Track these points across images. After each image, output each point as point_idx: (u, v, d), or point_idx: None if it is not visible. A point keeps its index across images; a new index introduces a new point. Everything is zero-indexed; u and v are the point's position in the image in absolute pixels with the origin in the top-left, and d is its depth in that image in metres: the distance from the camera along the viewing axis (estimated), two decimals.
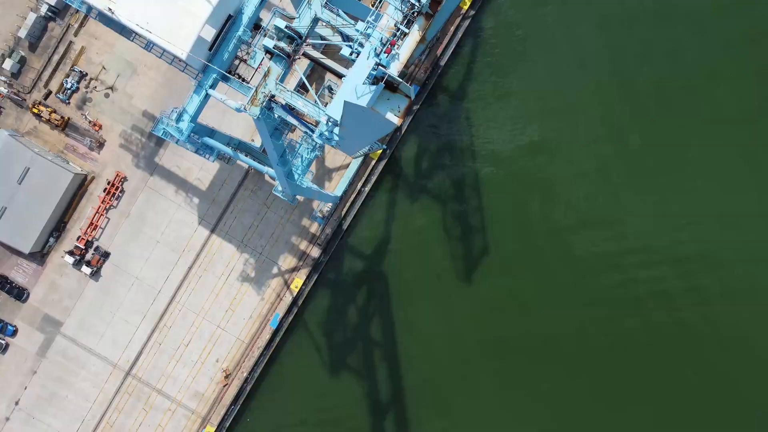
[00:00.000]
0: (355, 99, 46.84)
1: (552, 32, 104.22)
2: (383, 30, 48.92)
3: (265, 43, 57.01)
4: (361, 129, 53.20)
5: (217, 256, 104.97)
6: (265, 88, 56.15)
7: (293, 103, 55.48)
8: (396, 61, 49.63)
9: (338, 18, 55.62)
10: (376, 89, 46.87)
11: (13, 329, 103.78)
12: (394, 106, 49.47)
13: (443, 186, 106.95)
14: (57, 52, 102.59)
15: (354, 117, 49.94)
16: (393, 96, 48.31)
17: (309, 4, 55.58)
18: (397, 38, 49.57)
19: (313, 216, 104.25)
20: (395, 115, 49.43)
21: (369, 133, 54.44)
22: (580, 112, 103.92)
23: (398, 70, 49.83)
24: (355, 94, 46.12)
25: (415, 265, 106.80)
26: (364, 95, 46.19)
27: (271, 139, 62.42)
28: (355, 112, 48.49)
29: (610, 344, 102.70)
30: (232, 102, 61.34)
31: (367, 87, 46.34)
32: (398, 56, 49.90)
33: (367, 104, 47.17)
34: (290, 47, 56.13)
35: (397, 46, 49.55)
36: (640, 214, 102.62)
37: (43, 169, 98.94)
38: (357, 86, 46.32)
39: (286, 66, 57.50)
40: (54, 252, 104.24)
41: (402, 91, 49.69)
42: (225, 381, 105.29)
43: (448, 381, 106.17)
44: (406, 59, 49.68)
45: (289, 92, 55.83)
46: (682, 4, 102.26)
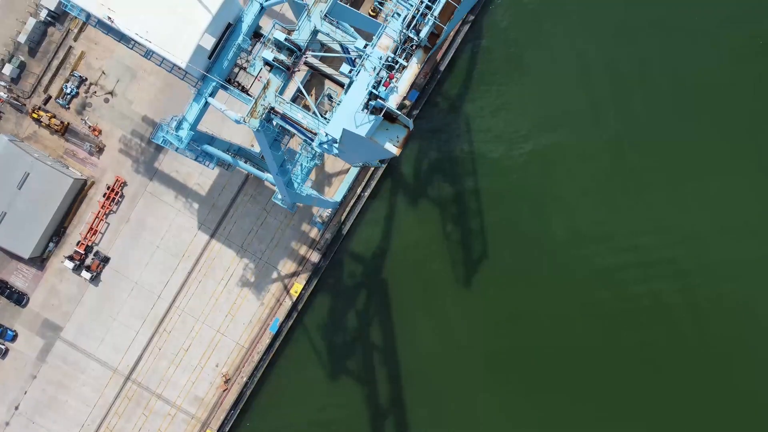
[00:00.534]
0: (354, 128, 46.86)
1: (551, 39, 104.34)
2: (382, 49, 48.95)
3: (264, 55, 56.99)
4: (360, 150, 53.29)
5: (217, 261, 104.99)
6: (264, 100, 56.14)
7: (293, 115, 55.50)
8: (395, 93, 49.62)
9: (337, 30, 55.55)
10: (375, 121, 47.05)
11: (13, 334, 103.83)
12: (392, 136, 49.89)
13: (443, 191, 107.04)
14: (57, 57, 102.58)
15: (353, 141, 50.10)
16: (392, 126, 48.40)
17: (308, 16, 55.58)
18: (396, 71, 49.71)
19: (313, 221, 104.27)
20: (394, 146, 49.87)
21: (368, 154, 54.62)
22: (578, 120, 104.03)
23: (397, 102, 49.88)
24: (353, 122, 46.16)
25: (414, 270, 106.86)
26: (363, 124, 46.23)
27: (271, 150, 62.44)
28: (354, 138, 48.68)
29: (607, 355, 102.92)
30: (232, 113, 61.32)
31: (366, 116, 46.38)
32: (397, 89, 49.93)
33: (365, 134, 47.15)
34: (290, 59, 56.13)
35: (396, 80, 49.58)
36: (638, 226, 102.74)
37: (42, 174, 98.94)
38: (356, 114, 46.40)
39: (285, 78, 57.49)
40: (54, 257, 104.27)
41: (401, 122, 50.00)
42: (225, 386, 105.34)
43: (447, 385, 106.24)
44: (405, 92, 49.73)
45: (289, 104, 55.79)
46: (680, 14, 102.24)
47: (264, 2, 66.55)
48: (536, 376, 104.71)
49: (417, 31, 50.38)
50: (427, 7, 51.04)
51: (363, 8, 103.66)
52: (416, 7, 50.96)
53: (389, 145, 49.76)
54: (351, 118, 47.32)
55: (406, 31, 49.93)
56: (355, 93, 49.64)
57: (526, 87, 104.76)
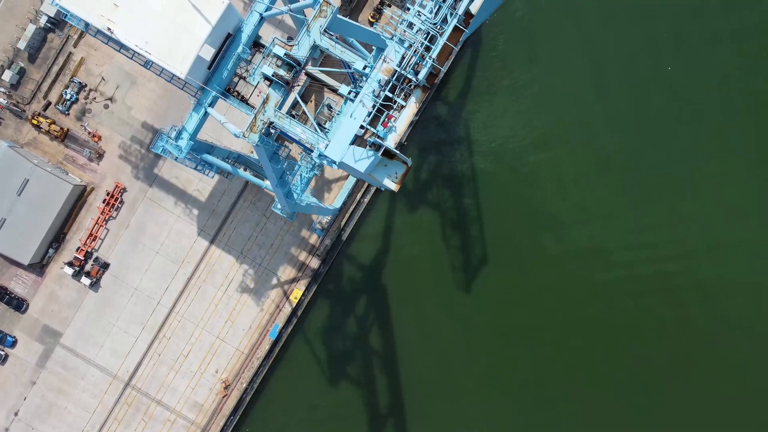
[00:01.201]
0: (353, 162, 46.87)
1: (558, 26, 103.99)
2: (381, 72, 48.95)
3: (264, 70, 56.95)
4: (361, 176, 53.47)
5: (217, 267, 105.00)
6: (263, 114, 56.10)
7: (292, 130, 55.46)
8: (393, 133, 49.71)
9: (337, 45, 55.54)
10: (374, 159, 47.45)
11: (13, 340, 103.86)
12: (391, 172, 50.35)
13: (442, 197, 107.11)
14: (56, 63, 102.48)
15: (352, 171, 50.30)
16: (390, 162, 48.49)
17: (308, 31, 55.53)
18: (395, 111, 49.83)
19: (313, 227, 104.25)
20: (392, 182, 50.30)
21: (367, 178, 54.84)
22: (576, 129, 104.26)
23: (395, 142, 50.01)
24: (353, 156, 46.22)
25: (413, 276, 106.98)
26: (361, 159, 46.25)
27: (270, 163, 62.44)
28: (353, 170, 48.98)
29: (604, 361, 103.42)
30: (232, 126, 61.22)
31: (365, 151, 46.45)
32: (395, 129, 50.04)
33: (364, 170, 47.12)
34: (289, 74, 56.07)
35: (394, 119, 49.67)
36: (644, 211, 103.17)
37: (42, 181, 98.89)
38: (354, 149, 46.54)
39: (284, 93, 57.44)
40: (53, 263, 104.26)
41: (399, 159, 50.35)
42: (224, 391, 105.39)
43: (447, 390, 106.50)
44: (403, 131, 49.80)
45: (288, 119, 55.76)
46: (691, 3, 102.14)
47: (263, 13, 66.52)
48: (534, 381, 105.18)
49: (416, 72, 50.53)
50: (426, 48, 51.31)
51: (363, 13, 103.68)
52: (415, 48, 51.23)
53: (388, 181, 50.36)
54: (350, 138, 47.52)
55: (405, 72, 50.30)
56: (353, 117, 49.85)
57: (524, 97, 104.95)
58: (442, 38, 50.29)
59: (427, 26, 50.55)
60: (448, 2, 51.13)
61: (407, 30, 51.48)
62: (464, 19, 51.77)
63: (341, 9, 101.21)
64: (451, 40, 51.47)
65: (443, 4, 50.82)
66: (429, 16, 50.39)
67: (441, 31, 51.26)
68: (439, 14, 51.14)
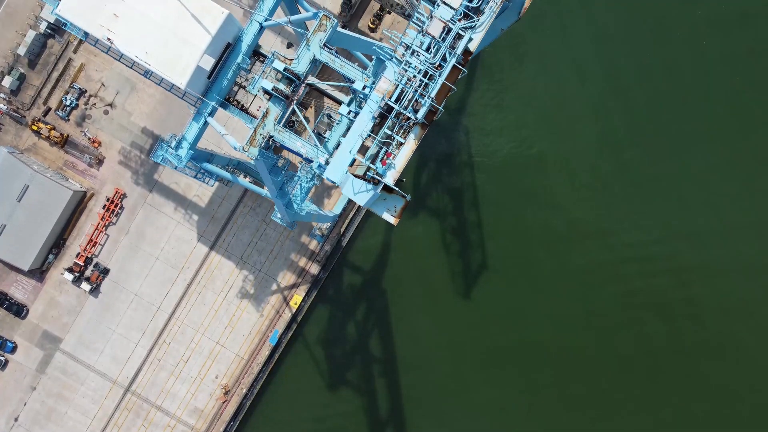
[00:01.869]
0: (352, 195, 46.88)
1: (551, 43, 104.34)
2: (380, 93, 48.98)
3: (263, 85, 56.93)
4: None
5: (217, 273, 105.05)
6: (263, 129, 56.12)
7: (291, 144, 55.50)
8: (392, 170, 49.82)
9: (336, 60, 55.54)
10: (373, 195, 47.71)
11: (13, 345, 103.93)
12: (390, 206, 50.68)
13: (442, 200, 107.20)
14: (56, 69, 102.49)
15: None
16: (389, 196, 48.58)
17: (307, 45, 55.50)
18: (393, 149, 49.99)
19: (312, 233, 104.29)
20: (392, 215, 50.59)
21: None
22: (578, 125, 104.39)
23: (394, 179, 50.10)
24: (352, 188, 46.30)
25: (413, 280, 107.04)
26: (360, 193, 46.31)
27: (270, 175, 62.47)
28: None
29: (606, 354, 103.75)
30: (232, 139, 61.23)
31: (365, 185, 46.54)
32: (394, 166, 50.18)
33: (363, 204, 47.14)
34: (288, 88, 56.08)
35: (393, 156, 49.79)
36: (638, 225, 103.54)
37: (42, 187, 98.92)
38: (354, 181, 46.61)
39: (284, 107, 57.45)
40: (53, 269, 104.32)
41: (398, 193, 50.63)
42: (224, 397, 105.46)
43: (448, 395, 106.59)
44: (403, 168, 49.91)
45: (288, 133, 55.74)
46: (679, 20, 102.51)
47: (263, 22, 66.51)
48: (535, 384, 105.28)
49: (415, 110, 50.66)
50: (424, 87, 51.49)
51: (363, 19, 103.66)
52: (413, 89, 51.39)
53: (387, 215, 50.87)
54: (350, 160, 47.68)
55: (404, 111, 50.55)
56: (353, 135, 50.00)
57: (525, 93, 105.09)
58: (441, 77, 50.38)
59: (425, 66, 50.69)
60: (447, 41, 51.16)
61: (405, 53, 51.48)
62: (463, 58, 51.94)
63: (341, 14, 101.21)
64: (449, 78, 51.66)
65: (442, 44, 50.89)
66: (427, 56, 50.52)
67: (440, 71, 51.44)
68: (438, 54, 51.21)
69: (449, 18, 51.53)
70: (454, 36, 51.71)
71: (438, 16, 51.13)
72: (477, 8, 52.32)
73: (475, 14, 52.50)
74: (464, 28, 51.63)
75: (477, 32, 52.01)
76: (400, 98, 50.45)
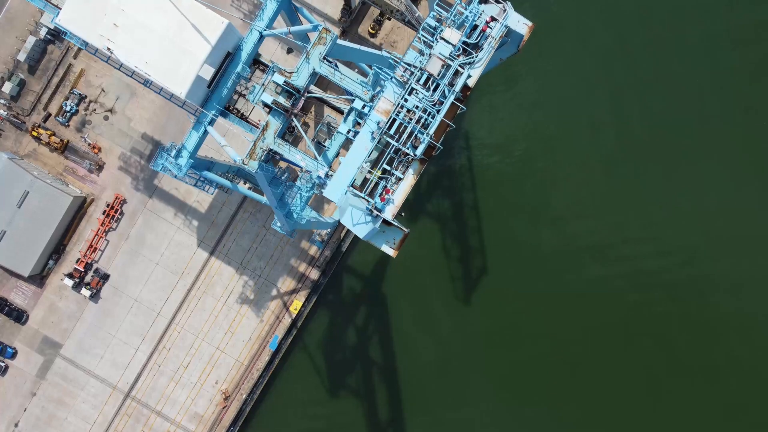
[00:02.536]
0: (351, 225, 46.97)
1: (559, 29, 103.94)
2: (380, 113, 48.96)
3: (263, 98, 56.92)
4: None
5: (217, 278, 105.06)
6: (263, 142, 56.12)
7: (291, 157, 55.53)
8: (391, 204, 49.94)
9: (336, 73, 55.52)
10: (372, 229, 47.93)
11: (13, 351, 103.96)
12: (389, 238, 50.84)
13: (441, 206, 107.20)
14: (56, 75, 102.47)
15: None
16: (388, 228, 48.69)
17: (307, 59, 55.49)
18: (392, 185, 50.09)
19: (312, 239, 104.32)
20: (390, 248, 50.79)
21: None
22: (576, 132, 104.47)
23: (393, 213, 50.19)
24: (351, 219, 46.40)
25: (413, 286, 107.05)
26: (359, 224, 46.39)
27: (270, 187, 62.49)
28: None
29: (603, 364, 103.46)
30: (232, 151, 61.25)
31: (364, 215, 46.62)
32: (393, 201, 50.29)
33: (363, 237, 47.27)
34: (288, 102, 56.05)
35: (392, 192, 49.88)
36: (633, 239, 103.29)
37: (42, 193, 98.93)
38: (353, 210, 46.69)
39: (284, 120, 57.45)
40: (53, 274, 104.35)
41: (397, 226, 50.80)
42: (224, 403, 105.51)
43: (446, 398, 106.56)
44: (401, 203, 50.03)
45: (288, 146, 55.75)
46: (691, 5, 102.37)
47: (263, 31, 66.52)
48: (534, 388, 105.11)
49: (414, 146, 50.75)
50: (423, 126, 51.58)
51: (363, 25, 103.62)
52: (412, 128, 51.53)
53: (386, 247, 51.15)
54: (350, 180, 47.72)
55: (403, 147, 50.73)
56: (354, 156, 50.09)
57: (522, 101, 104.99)
58: (440, 115, 50.42)
59: (424, 104, 50.70)
60: (446, 77, 51.10)
61: (404, 74, 51.47)
62: (462, 93, 51.91)
63: (341, 20, 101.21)
64: (448, 115, 51.66)
65: (441, 81, 50.87)
66: (426, 93, 50.49)
67: (438, 108, 51.49)
68: (437, 91, 51.16)
69: (448, 54, 51.47)
70: (452, 72, 51.64)
71: (436, 52, 51.09)
72: (475, 44, 52.38)
73: (473, 50, 52.50)
74: (463, 64, 51.60)
75: (475, 68, 52.07)
76: (398, 131, 50.51)
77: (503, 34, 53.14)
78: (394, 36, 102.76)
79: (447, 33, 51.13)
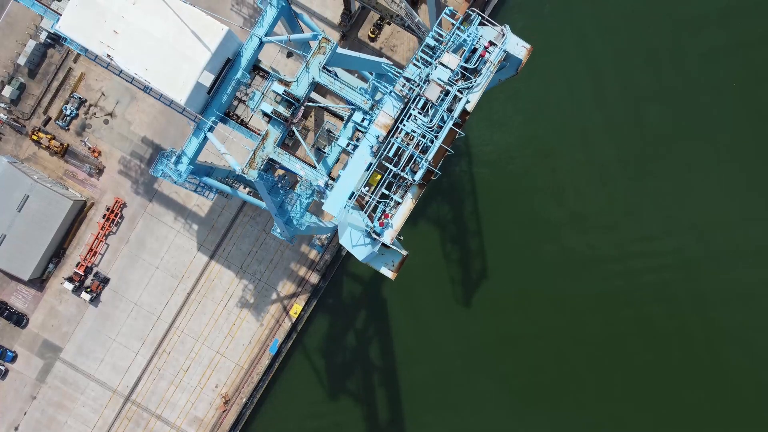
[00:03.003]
0: (350, 247, 47.04)
1: (557, 37, 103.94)
2: (380, 128, 48.98)
3: (263, 108, 56.85)
4: None
5: (217, 282, 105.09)
6: (262, 151, 56.08)
7: (291, 167, 55.51)
8: (390, 229, 49.95)
9: (336, 82, 55.47)
10: (371, 253, 47.93)
11: (13, 355, 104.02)
12: (388, 260, 50.84)
13: (441, 210, 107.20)
14: (56, 79, 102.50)
15: None
16: (387, 251, 48.71)
17: (307, 68, 55.43)
18: (390, 209, 50.15)
19: (312, 244, 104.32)
20: (389, 270, 50.82)
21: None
22: (578, 136, 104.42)
23: (392, 238, 50.20)
24: (350, 239, 46.49)
25: (413, 289, 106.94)
26: (358, 246, 46.42)
27: (270, 195, 62.45)
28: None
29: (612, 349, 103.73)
30: (232, 159, 61.20)
31: (363, 237, 46.66)
32: (392, 225, 50.31)
33: (362, 259, 47.29)
34: (288, 111, 56.00)
35: (391, 217, 49.91)
36: (635, 243, 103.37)
37: (42, 197, 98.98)
38: (352, 232, 46.73)
39: (284, 130, 57.39)
40: (53, 278, 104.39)
41: (396, 250, 50.83)
42: (224, 406, 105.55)
43: (448, 402, 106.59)
44: (400, 227, 50.05)
45: (287, 156, 55.72)
46: (688, 12, 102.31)
47: (263, 38, 66.48)
48: (534, 392, 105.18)
49: (413, 171, 50.80)
50: (422, 151, 51.66)
51: (363, 29, 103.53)
52: (411, 152, 51.68)
53: (385, 269, 51.21)
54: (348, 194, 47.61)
55: (401, 173, 50.83)
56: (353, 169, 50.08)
57: (522, 106, 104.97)
58: (438, 141, 50.41)
59: (422, 130, 50.73)
60: (445, 103, 51.04)
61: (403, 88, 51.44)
62: (460, 118, 51.85)
63: (341, 24, 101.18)
64: (446, 141, 51.62)
65: (439, 108, 50.86)
66: (425, 120, 50.46)
67: (436, 134, 51.56)
68: (435, 117, 51.13)
69: (446, 79, 51.43)
70: (451, 98, 51.58)
71: (435, 77, 51.01)
72: (474, 69, 52.31)
73: (472, 74, 52.42)
74: (462, 89, 51.53)
75: (474, 92, 52.03)
76: (397, 154, 50.55)
77: (502, 58, 53.10)
78: (393, 40, 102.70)
79: (446, 58, 51.12)
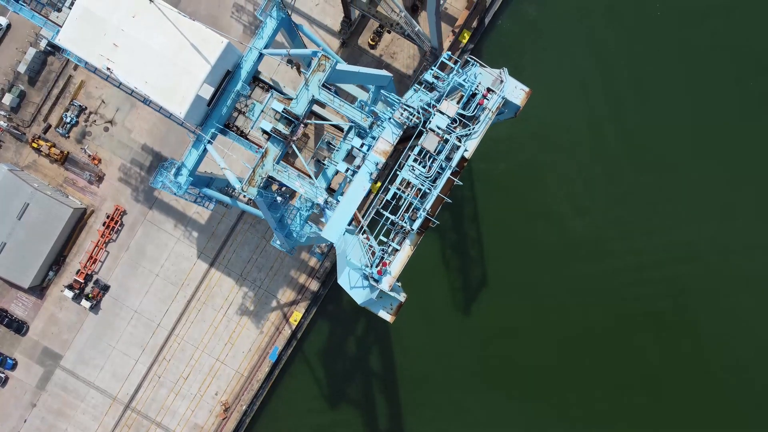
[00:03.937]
0: (348, 288, 47.10)
1: (564, 28, 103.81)
2: (379, 154, 48.95)
3: (262, 125, 56.83)
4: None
5: (216, 290, 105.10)
6: (262, 168, 56.10)
7: (290, 184, 55.50)
8: (388, 275, 49.98)
9: (335, 100, 55.45)
10: (369, 299, 47.95)
11: (13, 362, 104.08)
12: (386, 304, 50.78)
13: (441, 216, 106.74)
14: (56, 86, 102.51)
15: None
16: (386, 296, 48.78)
17: (306, 86, 55.40)
18: (388, 256, 50.26)
19: (312, 251, 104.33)
20: (388, 313, 50.74)
21: None
22: (577, 139, 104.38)
23: (390, 284, 50.24)
24: (348, 280, 46.57)
25: (413, 296, 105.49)
26: (356, 288, 46.49)
27: (270, 211, 62.46)
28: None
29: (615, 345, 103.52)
30: (231, 175, 61.16)
31: (361, 279, 46.75)
32: (390, 272, 50.36)
33: (360, 303, 47.36)
34: (287, 129, 55.99)
35: (389, 264, 49.98)
36: (636, 244, 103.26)
37: (42, 204, 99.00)
38: (350, 273, 46.83)
39: (283, 147, 57.36)
40: (53, 285, 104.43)
41: (394, 296, 50.85)
42: (224, 414, 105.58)
43: (447, 411, 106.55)
44: (399, 273, 50.11)
45: (287, 173, 55.71)
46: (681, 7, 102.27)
47: (263, 50, 66.43)
48: (537, 398, 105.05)
49: (412, 220, 50.92)
50: (421, 197, 51.75)
51: (363, 36, 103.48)
52: (411, 199, 52.05)
53: (383, 312, 51.06)
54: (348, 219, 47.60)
55: (400, 221, 50.96)
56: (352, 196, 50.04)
57: (526, 108, 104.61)
58: (436, 190, 50.46)
59: (420, 180, 50.78)
60: (444, 152, 50.96)
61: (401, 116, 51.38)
62: (458, 165, 51.65)
63: (341, 32, 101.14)
64: (444, 190, 51.65)
65: (438, 157, 50.88)
66: (422, 170, 50.49)
67: (434, 184, 51.61)
68: (433, 168, 51.18)
69: (444, 126, 51.33)
70: (450, 147, 51.48)
71: (433, 126, 50.92)
72: (472, 116, 52.28)
73: (470, 121, 52.34)
74: (460, 137, 51.45)
75: (472, 139, 51.99)
76: (394, 198, 50.60)
77: (500, 105, 53.10)
78: (393, 47, 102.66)
79: (444, 105, 51.03)
